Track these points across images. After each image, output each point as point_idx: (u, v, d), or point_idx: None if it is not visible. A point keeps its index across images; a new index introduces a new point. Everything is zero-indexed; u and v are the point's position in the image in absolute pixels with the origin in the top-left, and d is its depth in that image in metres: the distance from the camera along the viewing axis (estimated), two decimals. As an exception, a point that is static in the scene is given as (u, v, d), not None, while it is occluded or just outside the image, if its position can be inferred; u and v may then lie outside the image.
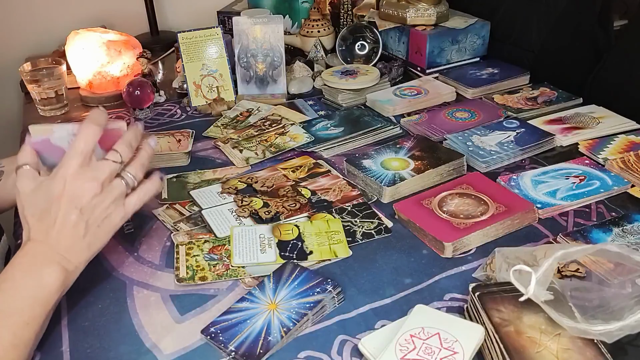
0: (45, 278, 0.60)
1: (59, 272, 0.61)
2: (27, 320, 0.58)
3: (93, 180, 0.62)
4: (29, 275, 0.60)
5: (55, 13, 1.51)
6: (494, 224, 0.76)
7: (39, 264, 0.61)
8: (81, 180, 0.62)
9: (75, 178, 0.62)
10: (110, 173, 0.64)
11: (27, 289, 0.60)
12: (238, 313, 0.64)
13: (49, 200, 0.61)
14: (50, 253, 0.61)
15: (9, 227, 0.88)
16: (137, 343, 0.63)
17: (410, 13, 1.27)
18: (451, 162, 0.90)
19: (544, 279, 0.58)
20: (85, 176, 0.62)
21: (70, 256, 0.62)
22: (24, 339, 0.58)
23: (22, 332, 0.58)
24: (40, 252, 0.62)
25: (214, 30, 1.17)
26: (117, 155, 0.65)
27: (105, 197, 0.63)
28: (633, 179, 0.85)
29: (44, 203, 0.62)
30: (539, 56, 1.26)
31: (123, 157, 0.65)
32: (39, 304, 0.60)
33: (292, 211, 0.83)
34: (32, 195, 0.63)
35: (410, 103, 1.13)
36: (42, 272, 0.60)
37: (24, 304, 0.59)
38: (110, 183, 0.64)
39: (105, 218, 0.64)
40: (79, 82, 1.26)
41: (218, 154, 1.02)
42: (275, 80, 1.22)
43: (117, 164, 0.64)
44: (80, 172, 0.62)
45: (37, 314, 0.59)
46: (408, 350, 0.56)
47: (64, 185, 0.61)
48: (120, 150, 0.65)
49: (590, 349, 0.55)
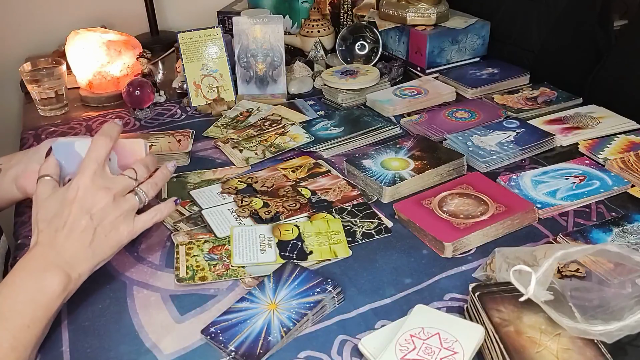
0: (48, 282, 0.61)
1: (62, 277, 0.61)
2: (27, 323, 0.59)
3: (106, 190, 0.65)
4: (31, 279, 0.61)
5: (55, 13, 1.51)
6: (494, 224, 0.76)
7: (42, 267, 0.61)
8: (95, 188, 0.64)
9: (89, 185, 0.64)
10: (124, 187, 0.67)
11: (28, 292, 0.60)
12: (238, 313, 0.64)
13: (61, 204, 0.64)
14: (54, 257, 0.62)
15: (9, 227, 0.88)
16: (137, 343, 0.63)
17: (410, 13, 1.27)
18: (451, 162, 0.90)
19: (544, 279, 0.58)
20: (98, 184, 0.65)
21: (74, 262, 0.63)
22: (24, 342, 0.58)
23: (23, 334, 0.58)
24: (44, 256, 0.62)
25: (214, 30, 1.17)
26: (133, 173, 0.68)
27: (116, 209, 0.65)
28: (633, 179, 0.85)
29: (56, 207, 0.64)
30: (539, 56, 1.26)
31: (139, 175, 0.68)
32: (40, 307, 0.60)
33: (292, 211, 0.83)
34: (47, 200, 0.65)
35: (410, 103, 1.13)
36: (44, 275, 0.61)
37: (25, 307, 0.59)
38: (123, 197, 0.67)
39: (113, 229, 0.65)
40: (79, 82, 1.26)
41: (218, 154, 1.02)
42: (275, 80, 1.22)
43: (132, 180, 0.68)
44: (95, 180, 0.65)
45: (38, 318, 0.60)
46: (408, 350, 0.56)
47: (77, 190, 0.64)
48: (137, 168, 0.69)
49: (590, 349, 0.55)
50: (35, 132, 1.12)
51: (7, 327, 0.57)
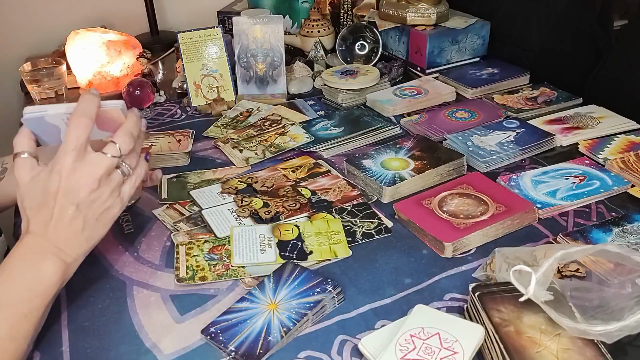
0: (44, 270, 0.60)
1: (58, 265, 0.61)
2: (25, 313, 0.58)
3: (90, 176, 0.61)
4: (27, 268, 0.60)
5: (55, 13, 1.51)
6: (494, 224, 0.76)
7: (38, 256, 0.61)
8: (77, 176, 0.60)
9: (70, 174, 0.60)
10: (108, 168, 0.62)
11: (25, 281, 0.59)
12: (238, 313, 0.64)
13: (45, 194, 0.60)
14: (48, 246, 0.61)
15: (9, 227, 0.88)
16: (137, 343, 0.63)
17: (410, 13, 1.27)
18: (451, 162, 0.90)
19: (544, 279, 0.58)
20: (81, 172, 0.60)
21: (68, 249, 0.62)
22: (22, 331, 0.58)
23: (21, 324, 0.58)
24: (38, 245, 0.61)
25: (214, 30, 1.17)
26: (116, 149, 0.62)
27: (103, 192, 0.62)
28: (633, 179, 0.85)
29: (41, 197, 0.61)
30: (539, 56, 1.26)
31: (123, 149, 0.63)
32: (37, 296, 0.59)
33: (292, 211, 0.83)
34: (30, 186, 0.61)
35: (410, 103, 1.13)
36: (40, 264, 0.60)
37: (22, 297, 0.59)
38: (108, 177, 0.62)
39: (103, 211, 0.63)
40: (79, 82, 1.26)
41: (218, 154, 1.02)
42: (275, 80, 1.22)
43: (115, 159, 0.62)
44: (76, 167, 0.60)
45: (35, 307, 0.59)
46: (408, 350, 0.56)
47: (59, 181, 0.60)
48: (120, 142, 0.63)
49: (590, 349, 0.55)
50: (35, 132, 1.12)
51: (5, 316, 0.57)
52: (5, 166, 0.79)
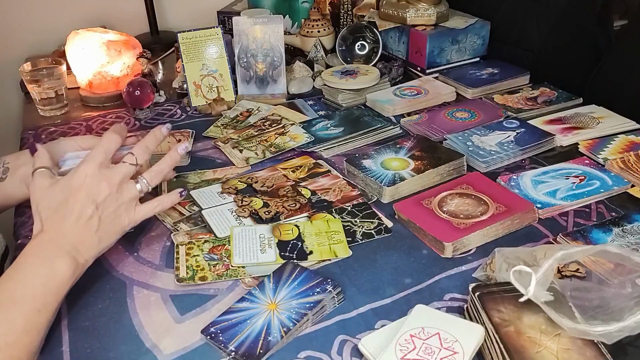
0: (57, 267, 0.62)
1: (71, 263, 0.63)
2: (39, 307, 0.60)
3: (110, 179, 0.67)
4: (41, 265, 0.62)
5: (55, 13, 1.51)
6: (494, 224, 0.76)
7: (52, 253, 0.63)
8: (100, 177, 0.67)
9: (95, 174, 0.67)
10: (124, 175, 0.68)
11: (39, 277, 0.61)
12: (238, 313, 0.64)
13: (67, 193, 0.66)
14: (62, 243, 0.64)
15: (9, 227, 0.88)
16: (137, 343, 0.63)
17: (410, 13, 1.26)
18: (451, 162, 0.90)
19: (544, 280, 0.58)
20: (102, 176, 0.67)
21: (81, 249, 0.65)
22: (37, 325, 0.60)
23: (35, 318, 0.59)
24: (52, 243, 0.64)
25: (214, 30, 1.17)
26: (133, 158, 0.70)
27: (118, 198, 0.67)
28: (633, 179, 0.85)
29: (61, 196, 0.66)
30: (539, 56, 1.26)
31: (139, 160, 0.70)
32: (50, 292, 0.61)
33: (292, 211, 0.83)
34: (50, 189, 0.67)
35: (410, 103, 1.13)
36: (54, 261, 0.62)
37: (36, 292, 0.60)
38: (125, 185, 0.68)
39: (116, 218, 0.68)
40: (79, 82, 1.26)
41: (218, 154, 1.02)
42: (275, 80, 1.22)
43: (132, 167, 0.69)
44: (101, 170, 0.67)
45: (48, 302, 0.61)
46: (408, 350, 0.56)
47: (84, 178, 0.66)
48: (137, 153, 0.70)
49: (590, 349, 0.55)
50: (35, 132, 1.12)
51: (19, 310, 0.59)
52: (7, 166, 0.79)
